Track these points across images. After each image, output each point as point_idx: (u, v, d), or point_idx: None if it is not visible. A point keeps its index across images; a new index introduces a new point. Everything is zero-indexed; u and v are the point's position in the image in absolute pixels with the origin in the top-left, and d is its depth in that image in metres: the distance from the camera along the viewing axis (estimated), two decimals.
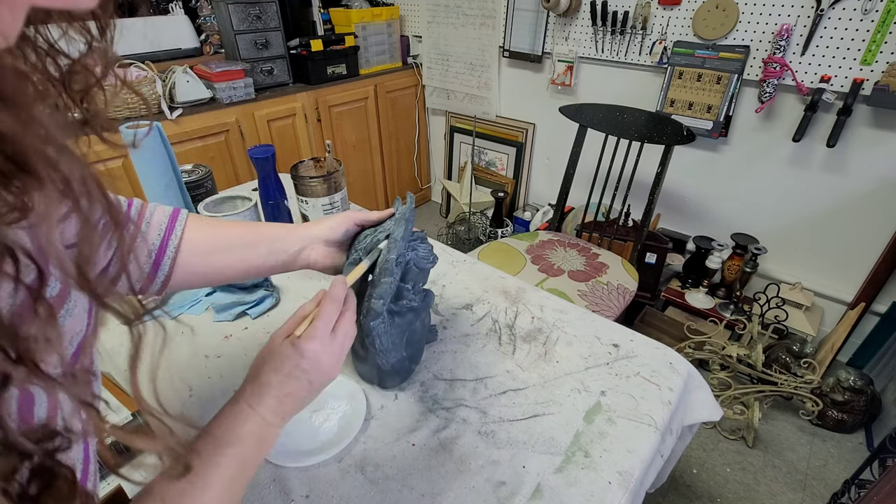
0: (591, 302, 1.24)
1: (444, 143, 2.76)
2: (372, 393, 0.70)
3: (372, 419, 0.66)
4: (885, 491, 0.98)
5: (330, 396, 0.68)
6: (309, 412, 0.66)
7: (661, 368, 0.74)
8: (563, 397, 0.69)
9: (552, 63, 2.08)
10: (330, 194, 0.94)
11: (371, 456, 0.61)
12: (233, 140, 1.90)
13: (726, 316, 1.73)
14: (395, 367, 0.67)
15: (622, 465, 0.60)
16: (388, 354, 0.64)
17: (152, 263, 0.53)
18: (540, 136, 2.35)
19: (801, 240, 1.73)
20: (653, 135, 1.39)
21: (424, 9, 2.38)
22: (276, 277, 0.93)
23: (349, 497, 0.56)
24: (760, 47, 1.56)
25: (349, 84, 2.26)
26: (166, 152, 0.89)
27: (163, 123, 1.66)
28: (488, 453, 0.61)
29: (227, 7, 1.84)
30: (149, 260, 0.52)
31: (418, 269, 0.64)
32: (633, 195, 1.57)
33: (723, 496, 1.37)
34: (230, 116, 1.87)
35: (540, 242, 1.52)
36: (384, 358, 0.64)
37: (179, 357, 0.75)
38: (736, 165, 1.77)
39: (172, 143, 1.52)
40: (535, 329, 0.82)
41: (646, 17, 1.75)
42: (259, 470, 0.59)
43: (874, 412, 1.53)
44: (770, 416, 1.59)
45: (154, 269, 0.53)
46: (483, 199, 2.50)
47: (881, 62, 1.37)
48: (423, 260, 0.64)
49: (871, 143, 1.48)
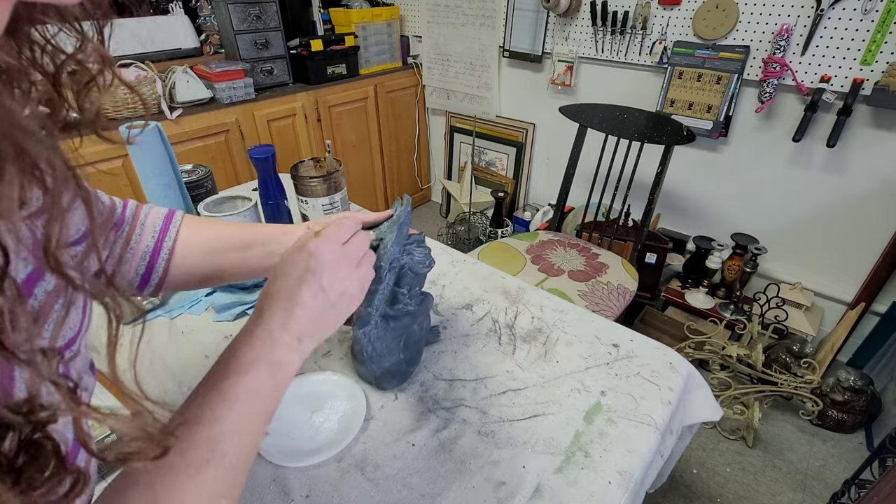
0: (591, 302, 1.24)
1: (444, 143, 2.76)
2: (372, 393, 0.70)
3: (372, 419, 0.66)
4: (885, 491, 0.98)
5: (330, 396, 0.68)
6: (309, 412, 0.66)
7: (661, 368, 0.74)
8: (563, 397, 0.69)
9: (552, 63, 2.08)
10: (330, 194, 0.94)
11: (371, 456, 0.61)
12: (233, 140, 1.90)
13: (726, 316, 1.73)
14: (392, 371, 0.67)
15: (622, 465, 0.60)
16: (381, 360, 0.64)
17: (146, 265, 0.52)
18: (540, 136, 2.35)
19: (800, 240, 1.73)
20: (653, 135, 1.39)
21: (424, 9, 2.38)
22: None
23: (349, 497, 0.56)
24: (760, 47, 1.56)
25: (349, 84, 2.26)
26: (166, 152, 0.89)
27: (163, 123, 1.66)
28: (488, 453, 0.61)
29: (227, 7, 1.84)
30: (143, 262, 0.52)
31: (413, 273, 0.63)
32: (633, 195, 1.57)
33: (723, 496, 1.37)
34: (230, 116, 1.87)
35: (540, 242, 1.52)
36: (376, 363, 0.64)
37: (179, 357, 0.75)
38: (736, 165, 1.77)
39: (172, 143, 1.52)
40: (535, 329, 0.82)
41: (646, 17, 1.75)
42: (259, 470, 0.59)
43: (874, 412, 1.53)
44: (770, 416, 1.59)
45: (148, 270, 0.53)
46: (483, 199, 2.50)
47: (881, 62, 1.37)
48: (418, 264, 0.64)
49: (871, 143, 1.48)
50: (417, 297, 0.67)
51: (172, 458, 0.31)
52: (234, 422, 0.35)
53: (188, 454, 0.32)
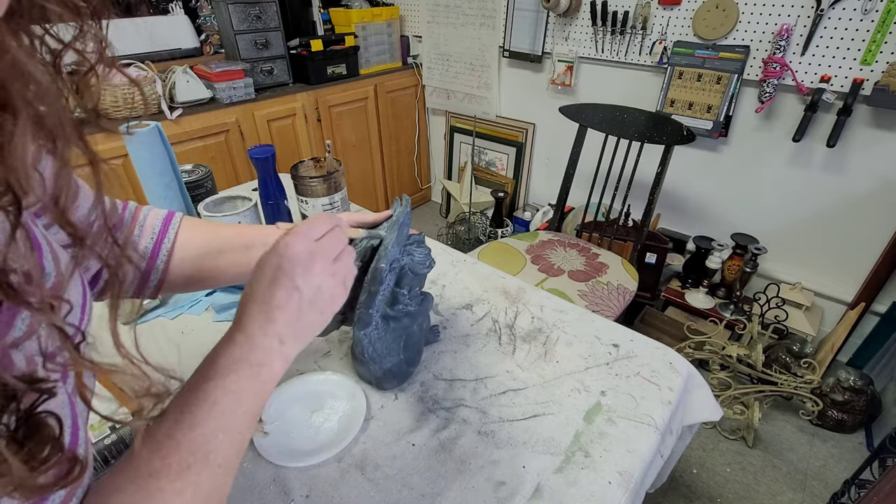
0: (591, 302, 1.24)
1: (444, 143, 2.76)
2: (372, 393, 0.70)
3: (372, 419, 0.66)
4: (885, 491, 0.98)
5: (330, 396, 0.68)
6: (309, 412, 0.66)
7: (661, 368, 0.74)
8: (563, 397, 0.69)
9: (552, 63, 2.08)
10: (330, 194, 0.94)
11: (371, 456, 0.61)
12: (233, 140, 1.90)
13: (726, 316, 1.73)
14: (393, 371, 0.67)
15: (622, 465, 0.60)
16: (382, 360, 0.64)
17: (145, 266, 0.52)
18: (540, 136, 2.35)
19: (801, 240, 1.73)
20: (653, 135, 1.39)
21: (424, 9, 2.38)
22: None
23: (349, 497, 0.56)
24: (760, 47, 1.56)
25: (349, 84, 2.26)
26: (166, 152, 0.89)
27: (163, 123, 1.65)
28: (488, 453, 0.61)
29: (227, 7, 1.84)
30: (141, 263, 0.52)
31: (413, 273, 0.63)
32: (633, 195, 1.57)
33: (723, 496, 1.37)
34: (230, 116, 1.87)
35: (540, 242, 1.52)
36: (377, 364, 0.64)
37: (180, 357, 0.75)
38: (736, 165, 1.77)
39: (172, 143, 1.52)
40: (535, 329, 0.82)
41: (646, 17, 1.75)
42: (259, 470, 0.59)
43: (874, 412, 1.53)
44: (770, 416, 1.59)
45: (147, 271, 0.53)
46: (483, 199, 2.50)
47: (881, 62, 1.37)
48: (418, 265, 0.64)
49: (871, 143, 1.48)
50: (417, 297, 0.67)
51: (154, 463, 0.32)
52: (217, 421, 0.35)
53: (169, 459, 0.32)
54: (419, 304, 0.67)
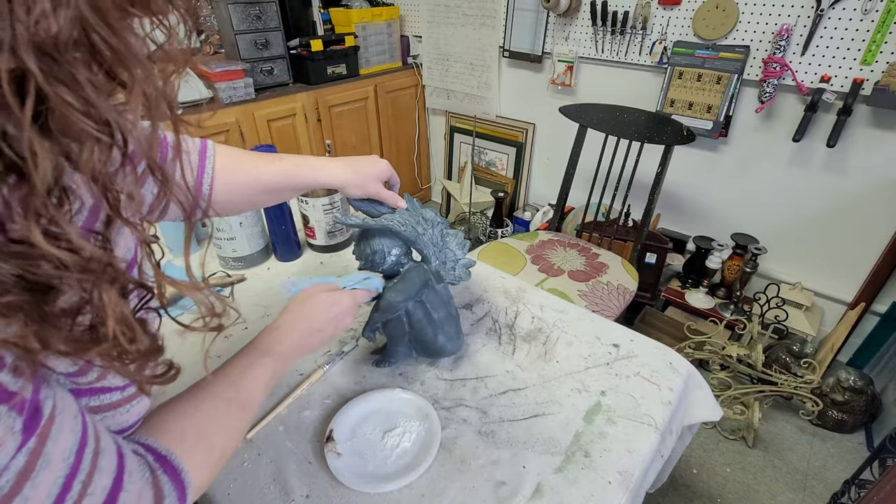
0: (591, 302, 1.24)
1: (444, 143, 2.76)
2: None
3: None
4: (885, 491, 0.98)
5: (401, 416, 0.66)
6: (381, 432, 0.64)
7: (661, 368, 0.74)
8: (563, 397, 0.69)
9: (552, 63, 2.08)
10: (330, 194, 0.95)
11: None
12: (233, 140, 1.90)
13: (726, 316, 1.73)
14: (456, 331, 0.74)
15: (622, 465, 0.60)
16: (444, 325, 0.71)
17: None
18: (540, 136, 2.35)
19: (801, 240, 1.73)
20: (653, 135, 1.39)
21: (424, 9, 2.38)
22: (275, 295, 0.93)
23: (349, 497, 0.56)
24: (760, 47, 1.56)
25: (349, 84, 2.26)
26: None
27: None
28: (488, 453, 0.61)
29: (227, 7, 1.84)
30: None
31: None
32: (633, 195, 1.57)
33: (723, 496, 1.37)
34: (230, 116, 1.87)
35: (540, 242, 1.52)
36: (443, 331, 0.71)
37: (179, 357, 0.75)
38: (736, 165, 1.77)
39: None
40: (535, 329, 0.82)
41: (646, 17, 1.75)
42: (259, 469, 0.59)
43: (874, 412, 1.53)
44: (770, 416, 1.59)
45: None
46: (483, 199, 2.50)
47: (881, 62, 1.37)
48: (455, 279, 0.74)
49: (871, 143, 1.48)
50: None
51: (229, 393, 0.47)
52: (261, 385, 0.50)
53: (241, 396, 0.48)
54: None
